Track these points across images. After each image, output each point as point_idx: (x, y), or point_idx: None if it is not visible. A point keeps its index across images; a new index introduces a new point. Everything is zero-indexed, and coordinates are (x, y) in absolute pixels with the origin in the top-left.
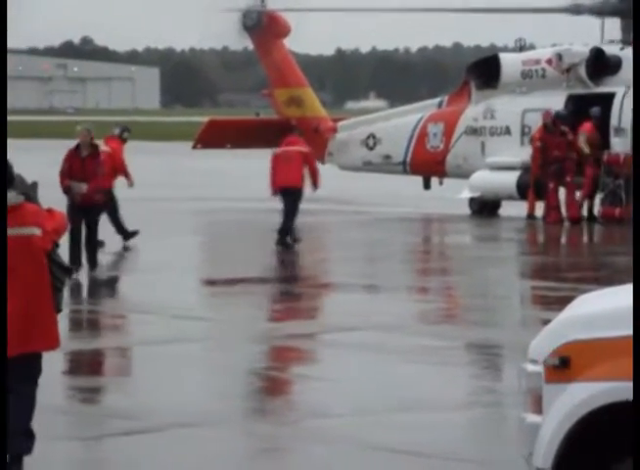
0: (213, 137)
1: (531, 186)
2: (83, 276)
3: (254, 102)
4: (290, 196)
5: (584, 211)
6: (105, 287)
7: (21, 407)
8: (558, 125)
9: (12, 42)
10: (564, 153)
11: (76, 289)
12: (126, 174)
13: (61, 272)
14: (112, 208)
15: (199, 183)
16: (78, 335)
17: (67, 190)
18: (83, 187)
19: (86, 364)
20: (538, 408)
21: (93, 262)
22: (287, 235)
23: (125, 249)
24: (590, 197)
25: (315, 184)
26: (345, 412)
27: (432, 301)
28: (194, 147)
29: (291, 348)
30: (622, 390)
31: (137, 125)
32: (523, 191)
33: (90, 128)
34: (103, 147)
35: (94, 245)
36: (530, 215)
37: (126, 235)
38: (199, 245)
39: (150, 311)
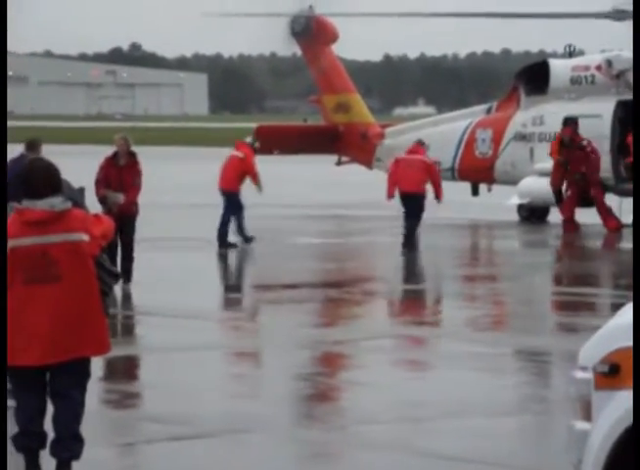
0: (262, 143)
1: (555, 197)
2: (118, 288)
3: (302, 108)
4: (411, 201)
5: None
6: (147, 291)
7: (70, 412)
8: (576, 140)
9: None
10: (585, 166)
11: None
12: (255, 181)
13: (108, 277)
14: (237, 208)
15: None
16: (125, 339)
17: (102, 200)
18: (120, 197)
19: (132, 368)
20: (588, 415)
21: (128, 274)
22: (412, 238)
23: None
24: None
25: (438, 196)
26: (393, 418)
27: (480, 307)
28: None
29: (338, 354)
30: None
31: (185, 132)
32: None
33: (127, 137)
34: (235, 152)
35: (130, 256)
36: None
37: (222, 240)
38: (243, 251)
39: (196, 317)
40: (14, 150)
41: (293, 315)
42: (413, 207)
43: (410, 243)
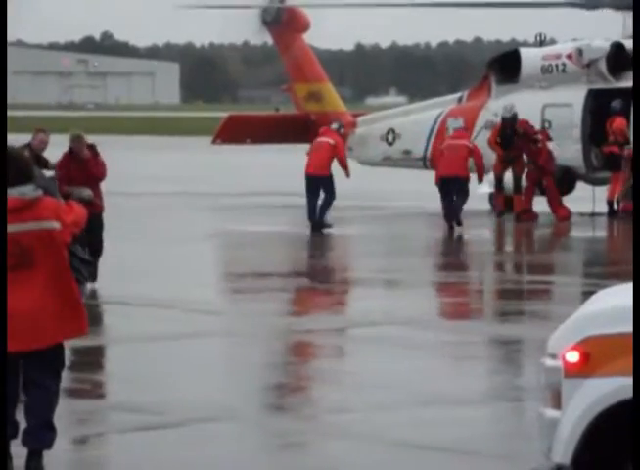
0: (233, 132)
1: (496, 186)
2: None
3: (274, 97)
4: (454, 185)
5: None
6: (121, 281)
7: (42, 400)
8: (530, 132)
9: (33, 38)
10: (540, 158)
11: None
12: (345, 166)
13: (82, 265)
14: (330, 192)
15: (218, 178)
16: (94, 329)
17: (66, 197)
18: (86, 192)
19: (102, 358)
20: (557, 403)
21: (94, 275)
22: (454, 219)
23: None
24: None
25: (480, 178)
26: (365, 407)
27: (451, 296)
28: (213, 142)
29: (311, 343)
30: None
31: (157, 121)
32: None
33: (80, 134)
34: (324, 138)
35: (98, 252)
36: (500, 213)
37: (320, 225)
38: (216, 240)
39: (167, 306)
40: None
41: (264, 304)
42: (456, 190)
43: (457, 222)
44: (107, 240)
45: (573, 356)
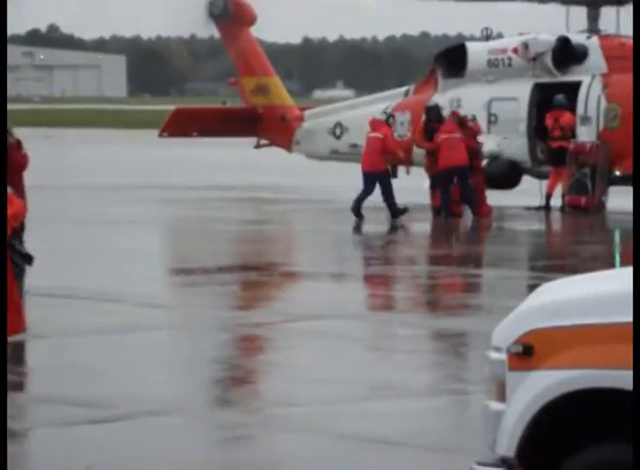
0: (180, 126)
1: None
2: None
3: (222, 91)
4: (457, 175)
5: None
6: (65, 274)
7: None
8: (466, 123)
9: None
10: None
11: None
12: (396, 158)
13: (21, 259)
14: (388, 186)
15: (164, 171)
16: (37, 323)
17: None
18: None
19: (49, 352)
20: (502, 396)
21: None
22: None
23: (394, 227)
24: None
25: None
26: (311, 400)
27: (397, 289)
28: (160, 135)
29: (256, 336)
30: (585, 378)
31: (104, 114)
32: (490, 180)
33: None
34: (374, 133)
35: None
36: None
37: (395, 213)
38: (162, 233)
39: (113, 299)
40: None
41: (211, 298)
42: (459, 179)
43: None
44: (52, 233)
45: (518, 349)
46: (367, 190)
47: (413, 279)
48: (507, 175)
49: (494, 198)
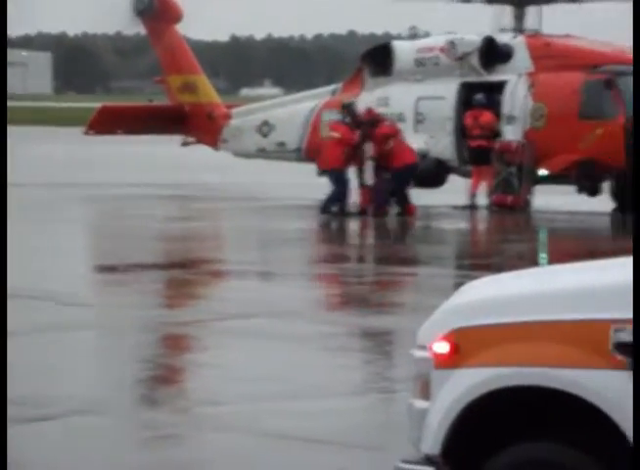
0: (105, 123)
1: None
2: None
3: (148, 88)
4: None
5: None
6: None
7: None
8: (378, 121)
9: None
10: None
11: None
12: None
13: None
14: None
15: (89, 169)
16: None
17: None
18: None
19: None
20: (427, 394)
21: None
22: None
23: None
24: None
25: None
26: (238, 399)
27: (323, 287)
28: (85, 133)
29: (183, 335)
30: (509, 376)
31: (29, 111)
32: (417, 178)
33: None
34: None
35: None
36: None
37: (343, 211)
38: (88, 231)
39: (37, 297)
40: None
41: (138, 296)
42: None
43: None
44: None
45: (443, 347)
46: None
47: (341, 277)
48: (434, 174)
49: (421, 197)
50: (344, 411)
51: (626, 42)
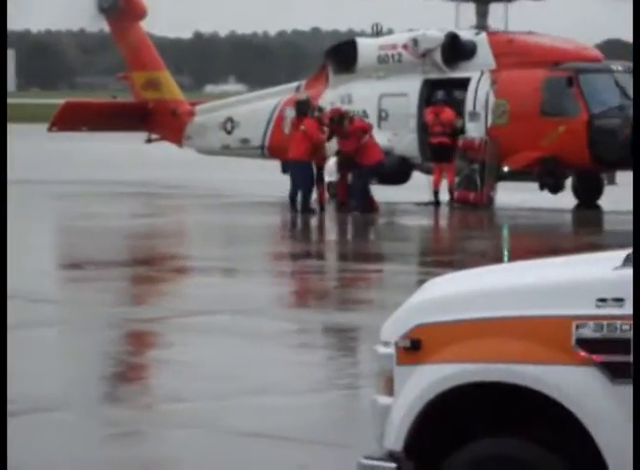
0: (69, 120)
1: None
2: None
3: (112, 85)
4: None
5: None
6: None
7: None
8: (345, 117)
9: None
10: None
11: None
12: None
13: None
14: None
15: (53, 166)
16: None
17: None
18: None
19: None
20: (390, 390)
21: None
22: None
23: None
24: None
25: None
26: (201, 396)
27: (286, 284)
28: (49, 129)
29: (146, 332)
30: (471, 372)
31: None
32: (380, 175)
33: None
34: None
35: None
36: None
37: (305, 208)
38: (51, 228)
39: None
40: None
41: (101, 293)
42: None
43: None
44: None
45: (405, 343)
46: (304, 184)
47: (304, 274)
48: (397, 171)
49: (384, 193)
50: (307, 408)
51: (590, 39)
